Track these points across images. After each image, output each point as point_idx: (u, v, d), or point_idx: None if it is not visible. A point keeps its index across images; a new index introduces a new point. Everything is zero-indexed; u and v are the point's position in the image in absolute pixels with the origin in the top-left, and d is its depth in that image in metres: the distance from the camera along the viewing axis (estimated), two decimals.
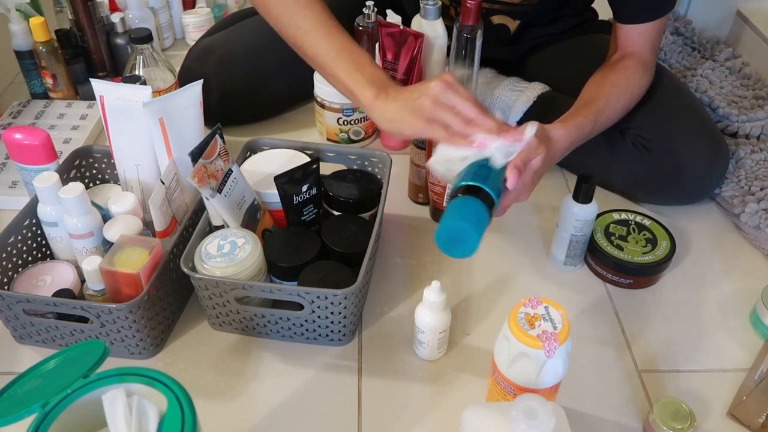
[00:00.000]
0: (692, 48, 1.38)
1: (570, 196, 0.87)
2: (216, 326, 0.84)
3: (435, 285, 0.75)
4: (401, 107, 0.77)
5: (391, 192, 0.94)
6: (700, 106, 1.03)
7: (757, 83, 1.26)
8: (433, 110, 0.74)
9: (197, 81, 0.88)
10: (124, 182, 0.91)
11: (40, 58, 1.20)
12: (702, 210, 1.05)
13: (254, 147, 0.97)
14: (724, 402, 0.77)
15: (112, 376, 0.56)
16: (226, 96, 1.12)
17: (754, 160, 1.06)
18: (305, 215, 0.87)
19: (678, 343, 0.84)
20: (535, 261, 0.95)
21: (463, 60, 0.97)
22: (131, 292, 0.76)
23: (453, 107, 0.74)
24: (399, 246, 0.97)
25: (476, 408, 0.60)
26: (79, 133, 1.15)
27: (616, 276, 0.91)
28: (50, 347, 0.82)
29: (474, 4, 0.92)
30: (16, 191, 1.03)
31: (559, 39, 1.15)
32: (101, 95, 0.86)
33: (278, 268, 0.82)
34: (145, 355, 0.81)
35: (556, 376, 0.64)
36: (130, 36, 1.12)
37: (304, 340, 0.83)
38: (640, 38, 0.94)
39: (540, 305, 0.64)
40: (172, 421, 0.53)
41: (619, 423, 0.75)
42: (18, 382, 0.58)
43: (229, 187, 0.81)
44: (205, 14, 1.46)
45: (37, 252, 0.88)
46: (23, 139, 0.89)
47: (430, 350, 0.80)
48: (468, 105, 0.74)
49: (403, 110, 0.76)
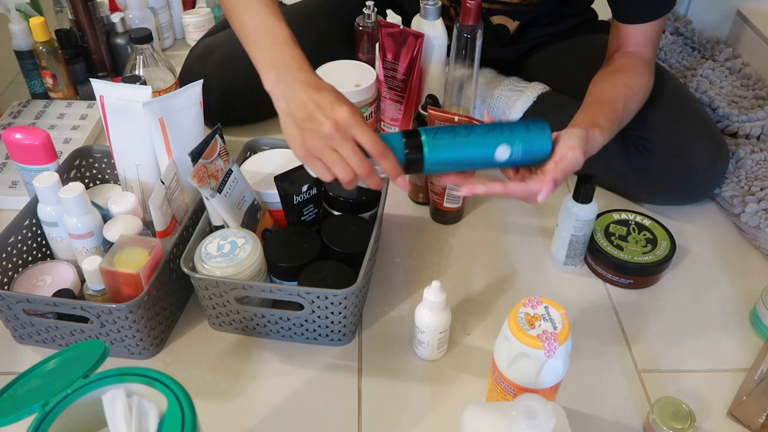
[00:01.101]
0: (692, 48, 1.38)
1: (570, 196, 0.87)
2: (216, 326, 0.84)
3: (435, 285, 0.75)
4: (293, 125, 0.70)
5: (391, 192, 0.94)
6: (700, 107, 1.03)
7: (757, 83, 1.26)
8: (318, 150, 0.68)
9: (197, 81, 0.88)
10: (124, 182, 0.91)
11: (40, 58, 1.20)
12: (702, 210, 1.05)
13: (254, 147, 0.97)
14: (724, 402, 0.77)
15: (112, 376, 0.56)
16: (227, 96, 1.12)
17: (754, 160, 1.06)
18: (305, 215, 0.87)
19: (678, 343, 0.84)
20: (535, 261, 0.95)
21: (463, 60, 0.97)
22: (131, 292, 0.76)
23: (339, 152, 0.68)
24: (399, 246, 0.97)
25: (476, 408, 0.60)
26: (79, 133, 1.15)
27: (616, 276, 0.91)
28: (50, 347, 0.82)
29: (474, 4, 0.92)
30: (16, 191, 1.03)
31: (558, 39, 1.15)
32: (101, 95, 0.86)
33: (278, 268, 0.82)
34: (145, 355, 0.81)
35: (556, 376, 0.64)
36: (130, 36, 1.12)
37: (304, 340, 0.83)
38: (641, 37, 0.94)
39: (540, 305, 0.64)
40: (172, 421, 0.53)
41: (619, 423, 0.75)
42: (18, 382, 0.58)
43: (229, 187, 0.81)
44: (205, 14, 1.46)
45: (37, 252, 0.88)
46: (23, 139, 0.89)
47: (430, 350, 0.80)
48: (355, 157, 0.67)
49: (294, 130, 0.70)
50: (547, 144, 0.73)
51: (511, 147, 0.71)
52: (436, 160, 0.71)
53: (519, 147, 0.72)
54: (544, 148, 0.73)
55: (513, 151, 0.72)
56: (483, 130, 0.72)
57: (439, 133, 0.71)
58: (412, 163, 0.71)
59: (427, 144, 0.70)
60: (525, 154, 0.72)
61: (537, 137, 0.73)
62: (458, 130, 0.72)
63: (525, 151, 0.72)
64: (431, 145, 0.70)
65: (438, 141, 0.71)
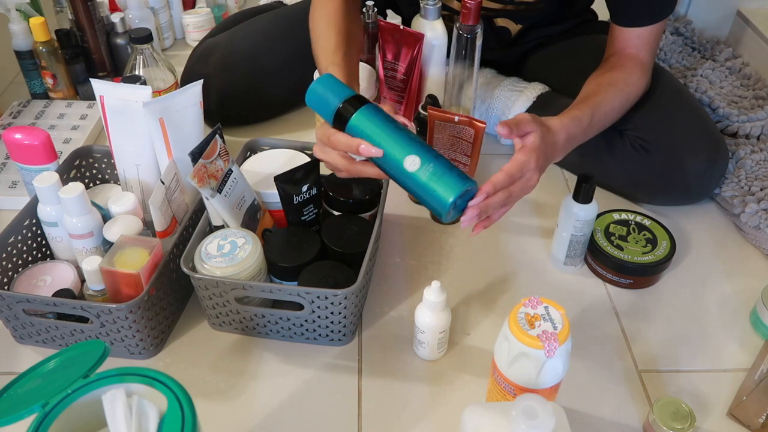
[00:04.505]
0: (692, 48, 1.38)
1: (570, 196, 0.87)
2: (216, 326, 0.84)
3: (435, 285, 0.75)
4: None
5: (391, 192, 0.94)
6: (700, 107, 1.03)
7: (757, 83, 1.27)
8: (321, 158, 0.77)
9: (197, 81, 0.88)
10: (124, 182, 0.91)
11: (40, 58, 1.20)
12: (702, 210, 1.05)
13: (254, 147, 0.97)
14: (724, 402, 0.77)
15: (112, 376, 0.56)
16: (227, 96, 1.12)
17: (754, 160, 1.06)
18: (305, 215, 0.87)
19: (678, 343, 0.84)
20: (535, 261, 0.95)
21: (463, 60, 0.97)
22: (131, 292, 0.76)
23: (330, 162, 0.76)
24: (399, 246, 0.97)
25: (476, 408, 0.60)
26: (79, 133, 1.15)
27: (616, 276, 0.91)
28: (50, 347, 0.82)
29: (474, 4, 0.92)
30: (16, 191, 1.03)
31: (558, 40, 1.15)
32: (101, 95, 0.86)
33: (278, 268, 0.82)
34: (145, 355, 0.81)
35: (556, 376, 0.64)
36: (130, 36, 1.12)
37: (304, 340, 0.83)
38: (637, 41, 0.94)
39: (540, 305, 0.64)
40: (172, 421, 0.53)
41: (619, 423, 0.75)
42: (18, 382, 0.58)
43: (229, 187, 0.81)
44: (205, 14, 1.46)
45: (37, 252, 0.88)
46: (23, 139, 0.89)
47: (430, 350, 0.80)
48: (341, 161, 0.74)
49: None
50: (452, 191, 0.67)
51: (422, 164, 0.68)
52: (358, 128, 0.71)
53: (430, 169, 0.67)
54: (450, 190, 0.67)
55: (422, 167, 0.67)
56: (415, 138, 0.70)
57: (378, 114, 0.71)
58: (338, 118, 0.72)
59: (358, 113, 0.71)
60: (431, 179, 0.67)
61: (450, 181, 0.67)
62: (396, 125, 0.71)
63: (433, 177, 0.67)
64: (361, 115, 0.71)
65: (369, 116, 0.71)
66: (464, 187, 0.67)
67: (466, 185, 0.67)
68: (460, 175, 0.68)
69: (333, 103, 0.72)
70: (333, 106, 0.72)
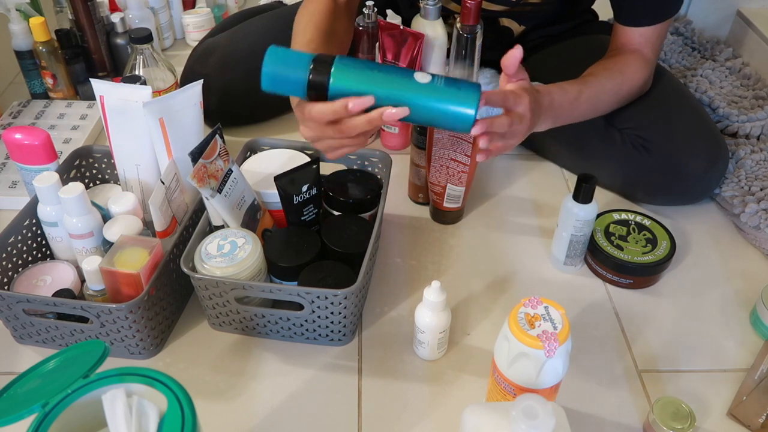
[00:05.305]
0: (692, 48, 1.38)
1: (570, 196, 0.87)
2: (216, 326, 0.84)
3: (435, 285, 0.75)
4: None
5: (391, 192, 0.94)
6: (700, 107, 1.03)
7: (757, 83, 1.27)
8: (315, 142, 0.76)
9: (197, 81, 0.88)
10: (124, 182, 0.91)
11: (40, 58, 1.20)
12: (702, 210, 1.05)
13: (254, 147, 0.97)
14: (724, 402, 0.77)
15: (112, 376, 0.56)
16: (227, 96, 1.12)
17: (754, 160, 1.06)
18: (305, 215, 0.87)
19: (678, 343, 0.84)
20: (535, 261, 0.95)
21: (463, 60, 0.97)
22: (131, 292, 0.76)
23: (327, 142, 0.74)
24: (399, 246, 0.97)
25: (476, 408, 0.60)
26: (79, 133, 1.15)
27: (616, 276, 0.91)
28: (50, 347, 0.82)
29: (474, 4, 0.92)
30: (16, 191, 1.03)
31: (559, 40, 1.15)
32: (101, 95, 0.86)
33: (278, 268, 0.82)
34: (145, 355, 0.81)
35: (556, 376, 0.64)
36: (130, 36, 1.12)
37: (304, 340, 0.83)
38: (640, 39, 0.94)
39: (540, 305, 0.64)
40: (172, 421, 0.53)
41: (619, 423, 0.75)
42: (18, 382, 0.58)
43: (229, 187, 0.81)
44: (205, 14, 1.46)
45: (37, 252, 0.88)
46: (23, 139, 0.89)
47: (430, 350, 0.80)
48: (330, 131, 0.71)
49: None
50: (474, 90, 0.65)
51: (433, 76, 0.65)
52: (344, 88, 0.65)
53: (442, 79, 0.65)
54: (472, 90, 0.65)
55: (434, 78, 0.65)
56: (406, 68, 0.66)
57: (354, 62, 0.66)
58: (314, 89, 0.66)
59: (336, 65, 0.65)
60: (449, 85, 0.65)
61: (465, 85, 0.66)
62: (378, 64, 0.66)
63: (449, 82, 0.65)
64: (341, 66, 0.65)
65: (348, 69, 0.65)
66: (480, 88, 0.66)
67: (479, 86, 0.66)
68: (468, 81, 0.67)
69: (300, 77, 0.65)
70: (302, 80, 0.65)
